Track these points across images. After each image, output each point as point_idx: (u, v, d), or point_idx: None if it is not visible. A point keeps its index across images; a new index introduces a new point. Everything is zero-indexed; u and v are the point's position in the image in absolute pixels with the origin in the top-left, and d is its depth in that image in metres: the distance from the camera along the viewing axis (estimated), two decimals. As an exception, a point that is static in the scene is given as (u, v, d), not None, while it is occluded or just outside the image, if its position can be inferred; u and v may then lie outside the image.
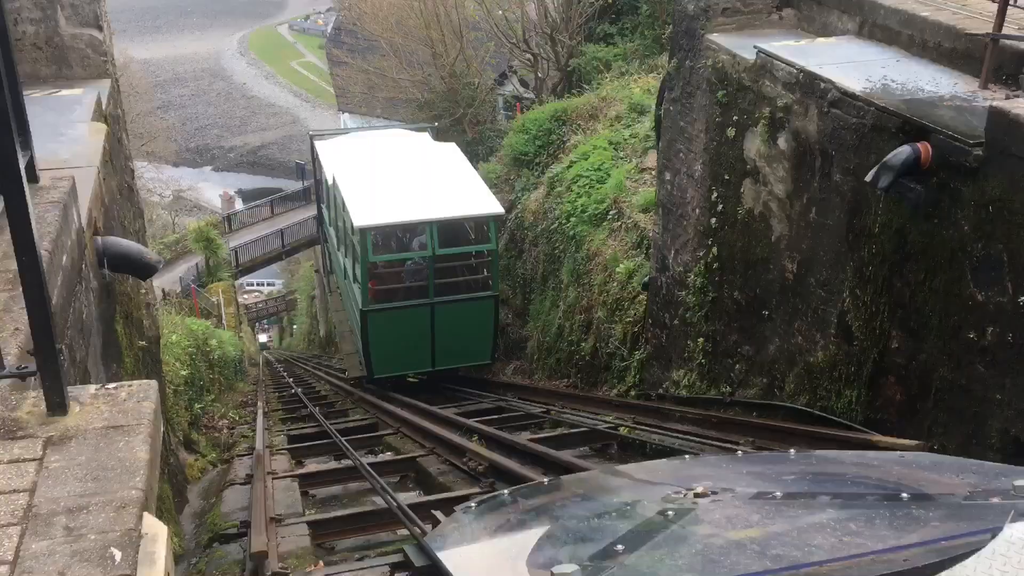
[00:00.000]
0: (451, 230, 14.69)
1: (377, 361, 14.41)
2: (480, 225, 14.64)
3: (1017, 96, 5.88)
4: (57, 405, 2.80)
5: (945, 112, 6.00)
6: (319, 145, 18.94)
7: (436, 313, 14.08)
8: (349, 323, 17.12)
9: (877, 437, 6.11)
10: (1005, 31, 6.26)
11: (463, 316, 14.22)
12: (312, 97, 72.85)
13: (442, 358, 14.73)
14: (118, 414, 2.83)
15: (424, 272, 14.19)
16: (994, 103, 5.48)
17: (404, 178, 14.98)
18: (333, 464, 9.84)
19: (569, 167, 16.35)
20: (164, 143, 53.73)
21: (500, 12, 27.32)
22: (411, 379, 16.07)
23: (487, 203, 14.32)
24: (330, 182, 16.40)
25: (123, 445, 2.68)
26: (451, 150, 16.74)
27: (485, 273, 14.71)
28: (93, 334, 5.01)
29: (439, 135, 20.73)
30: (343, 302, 17.77)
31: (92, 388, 2.97)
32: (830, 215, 6.97)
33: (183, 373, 13.67)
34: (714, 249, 8.76)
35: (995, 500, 2.24)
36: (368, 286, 13.80)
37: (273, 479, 8.61)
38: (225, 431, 14.80)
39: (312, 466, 9.93)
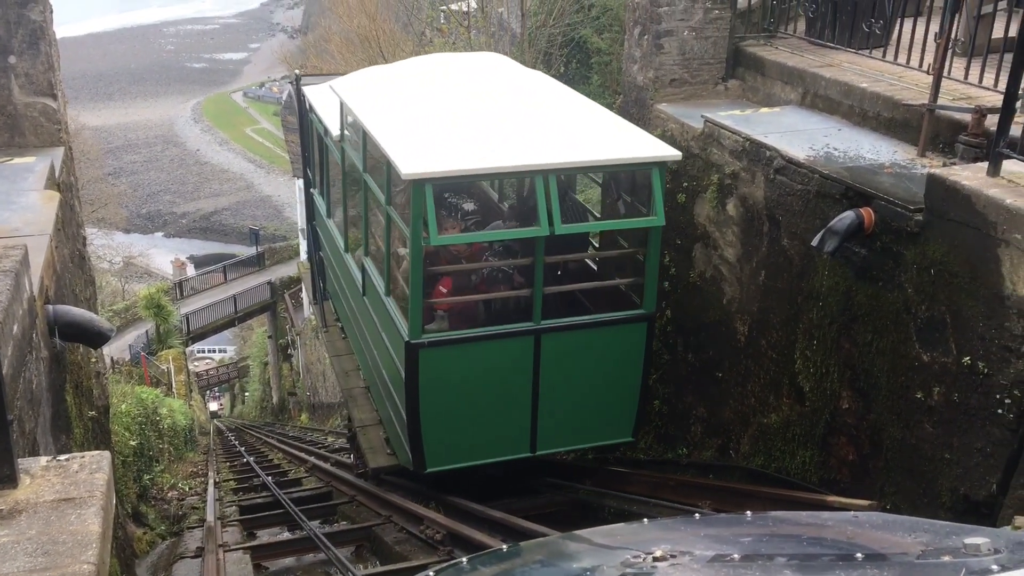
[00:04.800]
0: (572, 200, 8.37)
1: (435, 440, 7.55)
2: (633, 182, 7.76)
3: (954, 163, 6.13)
4: (7, 478, 2.75)
5: (886, 179, 6.23)
6: (312, 94, 10.92)
7: (544, 349, 7.44)
8: (369, 371, 9.57)
9: (831, 497, 6.17)
10: (940, 102, 6.55)
11: (592, 354, 7.64)
12: (266, 163, 72.91)
13: (550, 434, 7.83)
14: (70, 486, 2.78)
15: (522, 273, 7.66)
16: (932, 170, 5.70)
17: (483, 110, 7.89)
18: (287, 535, 9.64)
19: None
20: (115, 209, 53.24)
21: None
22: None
23: (646, 144, 7.32)
24: (340, 131, 9.27)
25: (75, 518, 2.63)
26: (548, 79, 9.26)
27: (631, 276, 7.80)
28: (43, 404, 4.91)
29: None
30: (352, 338, 10.54)
31: (43, 460, 2.92)
32: (779, 278, 7.13)
33: (132, 443, 13.36)
34: (668, 312, 8.88)
35: (946, 559, 2.29)
36: (420, 298, 7.03)
37: (225, 551, 8.40)
38: (175, 502, 14.43)
39: (265, 537, 9.73)
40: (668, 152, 7.17)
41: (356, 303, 9.50)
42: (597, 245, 8.76)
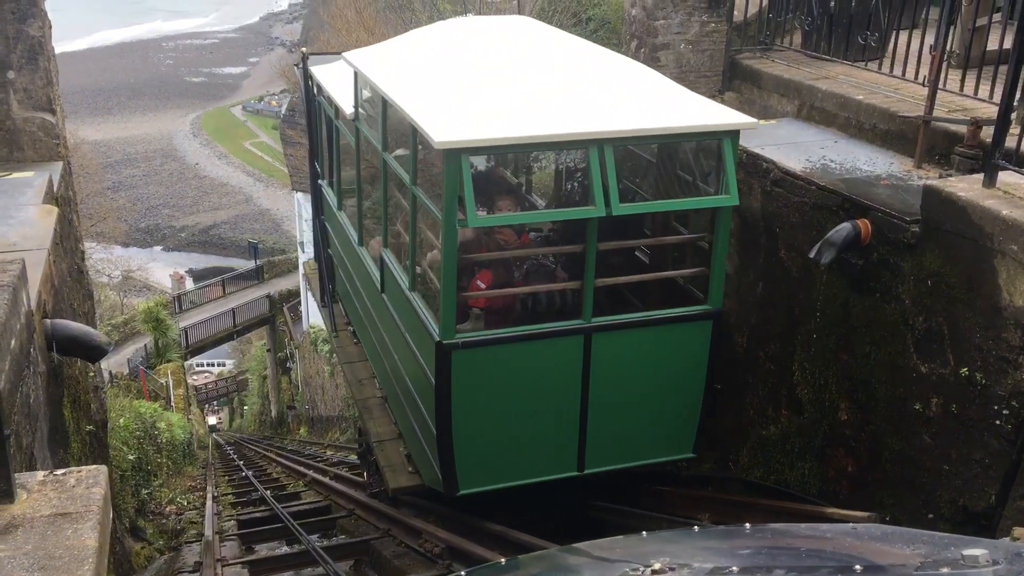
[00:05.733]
0: (631, 174, 7.56)
1: (469, 457, 6.61)
2: (698, 157, 6.80)
3: (950, 175, 6.15)
4: (3, 493, 2.74)
5: (883, 191, 6.25)
6: (321, 74, 9.95)
7: (595, 350, 6.53)
8: (387, 379, 8.56)
9: (830, 509, 6.16)
10: (936, 114, 6.58)
11: (650, 356, 6.72)
12: (265, 177, 72.98)
13: (601, 449, 6.87)
14: (67, 501, 2.77)
15: (565, 265, 7.03)
16: (928, 182, 5.72)
17: (521, 75, 6.87)
18: (285, 549, 9.61)
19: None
20: (114, 223, 53.23)
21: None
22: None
23: (714, 110, 6.52)
24: (355, 109, 8.34)
25: (71, 533, 2.62)
26: (588, 43, 8.05)
27: (694, 266, 6.96)
28: (40, 419, 4.91)
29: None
30: (366, 343, 9.53)
31: (40, 475, 2.92)
32: (776, 290, 7.14)
33: (130, 458, 13.32)
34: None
35: (945, 570, 2.28)
36: (454, 291, 6.10)
37: (223, 566, 8.38)
38: (173, 517, 14.38)
39: (263, 552, 9.69)
40: (741, 119, 6.30)
41: (372, 302, 8.52)
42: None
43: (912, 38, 7.44)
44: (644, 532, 3.32)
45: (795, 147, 7.31)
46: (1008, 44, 5.71)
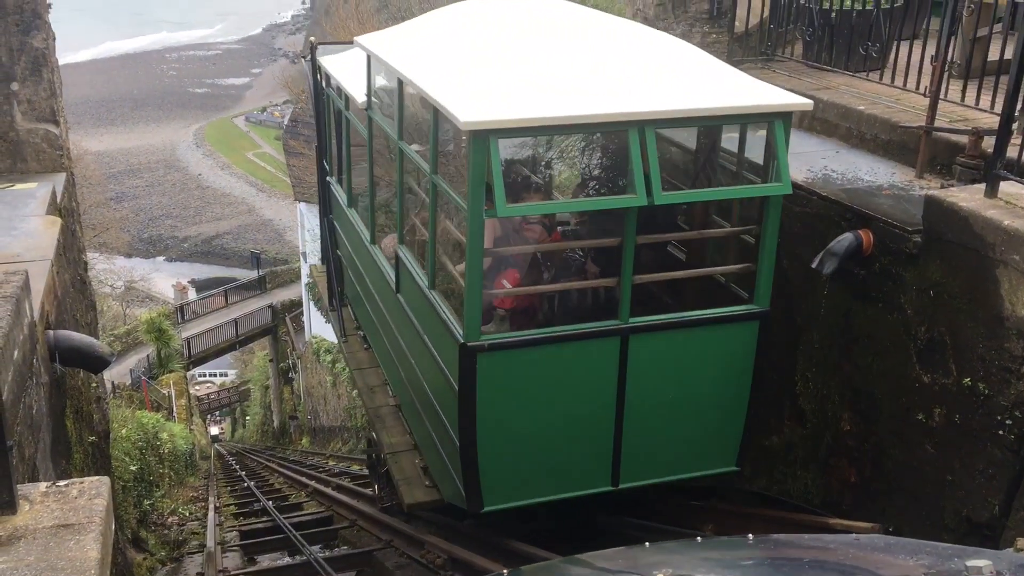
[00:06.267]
0: (671, 157, 7.04)
1: (495, 470, 6.12)
2: (742, 142, 6.30)
3: (951, 185, 6.15)
4: (6, 504, 2.75)
5: (884, 201, 6.25)
6: (330, 64, 9.50)
7: (632, 353, 6.05)
8: (401, 386, 8.10)
9: (833, 520, 6.14)
10: (937, 124, 6.59)
11: (691, 360, 6.27)
12: (268, 187, 73.11)
13: (637, 462, 6.39)
14: (69, 512, 2.78)
15: (596, 260, 6.74)
16: (930, 192, 5.73)
17: (551, 53, 6.36)
18: (287, 560, 9.59)
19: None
20: (117, 234, 53.39)
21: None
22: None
23: (763, 91, 5.96)
24: (368, 97, 7.79)
25: (73, 544, 2.63)
26: (618, 18, 7.56)
27: (736, 262, 6.47)
28: (43, 430, 4.91)
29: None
30: (378, 348, 9.06)
31: (43, 486, 2.92)
32: (778, 300, 7.13)
33: (132, 468, 13.32)
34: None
35: (948, 581, 2.28)
36: (479, 287, 5.61)
37: (225, 577, 8.37)
38: (175, 528, 14.37)
39: (265, 563, 9.68)
40: (794, 99, 5.80)
41: (386, 304, 7.99)
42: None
43: (913, 49, 7.45)
44: (647, 543, 3.31)
45: (797, 157, 7.31)
46: (1009, 54, 5.73)
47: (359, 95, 7.97)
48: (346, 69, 8.83)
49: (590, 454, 6.26)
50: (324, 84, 9.90)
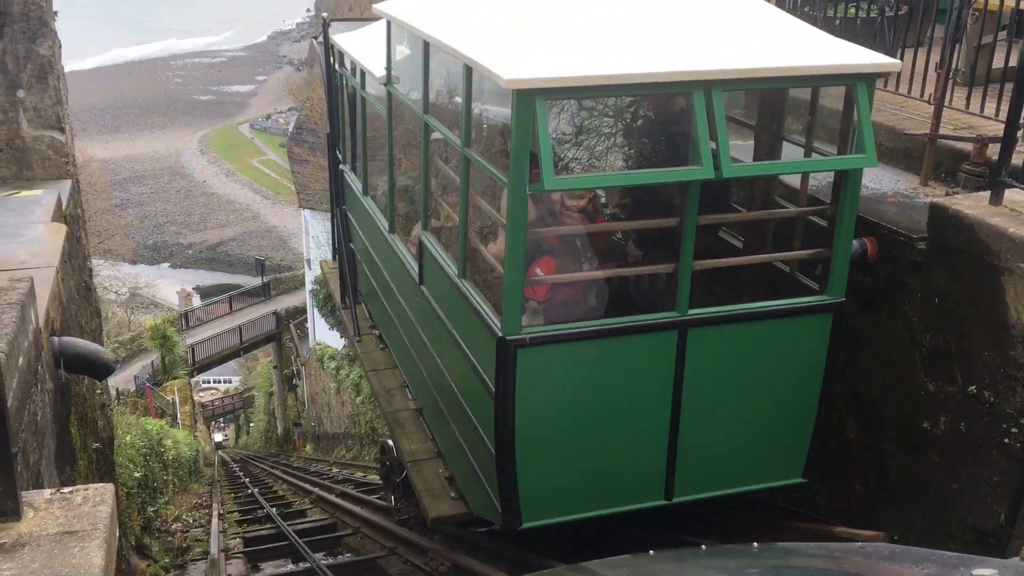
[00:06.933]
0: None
1: (535, 480, 5.49)
2: (812, 108, 5.86)
3: (956, 193, 6.14)
4: (11, 511, 2.75)
5: (889, 208, 6.24)
6: (345, 42, 8.87)
7: (691, 350, 5.43)
8: (423, 387, 7.50)
9: (839, 528, 6.12)
10: (942, 131, 6.58)
11: (756, 358, 5.64)
12: (272, 194, 73.26)
13: (694, 473, 5.77)
14: (73, 519, 2.78)
15: (639, 244, 6.20)
16: (935, 199, 5.72)
17: (601, 8, 5.80)
18: (291, 567, 9.59)
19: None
20: (122, 240, 53.50)
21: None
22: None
23: (843, 50, 5.38)
24: (387, 70, 7.17)
25: (77, 551, 2.63)
26: None
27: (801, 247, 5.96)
28: (47, 436, 4.91)
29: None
30: (396, 347, 8.50)
31: (47, 493, 2.92)
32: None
33: (136, 475, 13.32)
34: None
35: (953, 590, 2.28)
36: (521, 273, 5.04)
37: (228, 584, 8.37)
38: (179, 534, 14.36)
39: (269, 570, 9.68)
40: (881, 59, 5.26)
41: (407, 298, 7.32)
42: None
43: (917, 56, 7.45)
44: (652, 551, 3.30)
45: (801, 165, 7.30)
46: (1013, 62, 5.73)
47: (377, 70, 7.38)
48: (362, 46, 8.27)
49: (641, 463, 5.63)
50: (337, 65, 9.36)
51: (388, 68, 7.12)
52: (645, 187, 5.84)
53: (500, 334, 5.08)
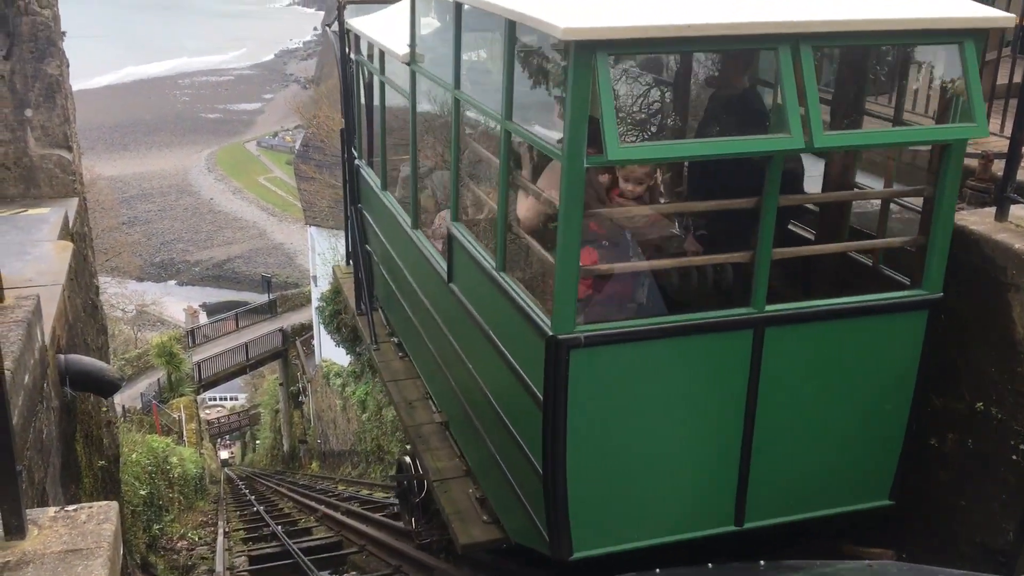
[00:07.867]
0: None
1: (588, 504, 4.78)
2: (904, 69, 5.60)
3: (961, 208, 6.13)
4: (15, 529, 2.75)
5: (894, 224, 6.23)
6: (362, 26, 8.24)
7: (768, 352, 4.73)
8: (451, 398, 6.75)
9: (847, 546, 6.09)
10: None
11: (843, 362, 4.98)
12: (279, 211, 73.51)
13: (769, 495, 5.10)
14: (77, 537, 2.78)
15: (708, 231, 5.51)
16: (940, 215, 5.69)
17: None
18: (296, 585, 9.56)
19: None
20: (128, 258, 53.67)
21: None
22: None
23: (946, 2, 4.67)
24: (411, 47, 6.53)
25: (82, 570, 2.63)
26: None
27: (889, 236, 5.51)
28: (53, 454, 4.92)
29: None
30: (418, 356, 7.84)
31: (51, 511, 2.92)
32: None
33: (142, 493, 13.31)
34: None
35: (960, 608, 2.26)
36: (576, 261, 4.34)
37: (233, 602, 8.33)
38: (184, 552, 14.33)
39: (274, 588, 9.65)
40: (993, 12, 4.59)
41: (433, 300, 6.62)
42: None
43: (922, 71, 7.45)
44: (657, 569, 3.30)
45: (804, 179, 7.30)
46: (1018, 78, 5.73)
47: (400, 48, 6.71)
48: (381, 27, 7.63)
49: (709, 484, 4.98)
50: (352, 53, 8.68)
51: (412, 44, 6.44)
52: (704, 170, 5.26)
53: (550, 333, 4.41)
